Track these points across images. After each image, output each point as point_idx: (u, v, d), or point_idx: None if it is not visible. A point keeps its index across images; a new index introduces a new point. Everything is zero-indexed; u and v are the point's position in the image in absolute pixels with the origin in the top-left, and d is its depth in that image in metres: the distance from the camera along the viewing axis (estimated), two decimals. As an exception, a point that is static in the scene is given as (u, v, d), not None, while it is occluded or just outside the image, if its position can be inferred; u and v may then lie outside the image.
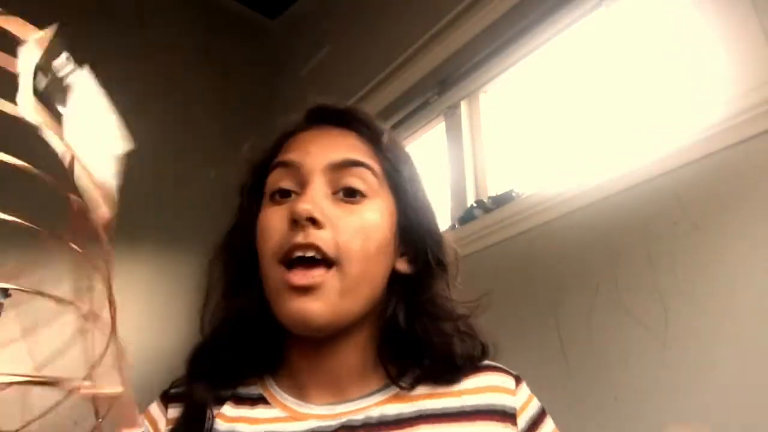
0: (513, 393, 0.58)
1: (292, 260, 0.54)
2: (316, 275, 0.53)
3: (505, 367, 0.61)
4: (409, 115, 1.86)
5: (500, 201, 1.45)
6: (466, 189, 1.61)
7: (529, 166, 1.53)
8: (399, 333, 0.59)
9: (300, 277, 0.53)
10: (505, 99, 1.69)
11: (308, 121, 0.66)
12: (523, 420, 0.57)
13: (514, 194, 1.44)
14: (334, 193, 0.57)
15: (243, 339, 0.59)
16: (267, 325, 0.57)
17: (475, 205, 1.52)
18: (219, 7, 2.61)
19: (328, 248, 0.53)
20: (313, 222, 0.53)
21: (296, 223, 0.53)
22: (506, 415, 0.56)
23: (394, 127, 1.91)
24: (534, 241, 1.31)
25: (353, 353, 0.59)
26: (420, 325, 0.59)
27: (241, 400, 0.58)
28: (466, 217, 1.51)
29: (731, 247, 0.98)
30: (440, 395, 0.57)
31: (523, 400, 0.59)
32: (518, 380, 0.60)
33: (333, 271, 0.54)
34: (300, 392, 0.58)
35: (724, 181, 1.02)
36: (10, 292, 0.28)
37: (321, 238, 0.53)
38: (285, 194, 0.58)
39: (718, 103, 1.07)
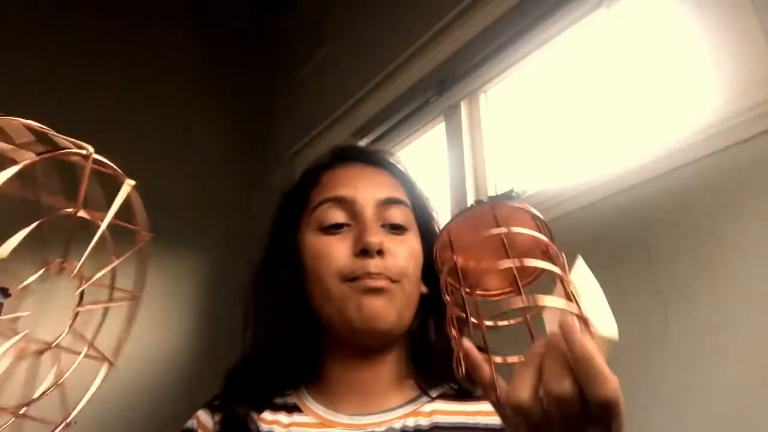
0: None
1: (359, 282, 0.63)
2: (389, 284, 0.63)
3: None
4: (409, 115, 1.86)
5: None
6: (466, 189, 1.61)
7: (529, 166, 1.53)
8: (425, 347, 0.67)
9: (374, 280, 0.62)
10: (505, 99, 1.69)
11: (341, 159, 0.74)
12: None
13: (514, 194, 1.44)
14: (382, 225, 0.66)
15: (285, 355, 0.66)
16: (309, 340, 0.66)
17: (475, 205, 1.52)
18: (219, 7, 2.61)
19: (393, 273, 0.63)
20: (379, 252, 0.63)
21: (366, 252, 0.62)
22: None
23: (394, 127, 1.91)
24: (534, 241, 1.31)
25: (388, 367, 0.66)
26: (442, 338, 0.67)
27: (278, 408, 0.65)
28: (466, 217, 1.51)
29: (731, 247, 0.98)
30: (456, 413, 0.62)
31: None
32: None
33: (397, 286, 0.64)
34: (330, 402, 0.65)
35: (724, 181, 1.02)
36: (10, 292, 0.29)
37: (388, 266, 0.63)
38: (338, 226, 0.66)
39: (718, 103, 1.06)
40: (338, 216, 0.66)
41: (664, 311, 1.02)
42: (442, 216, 0.75)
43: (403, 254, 0.65)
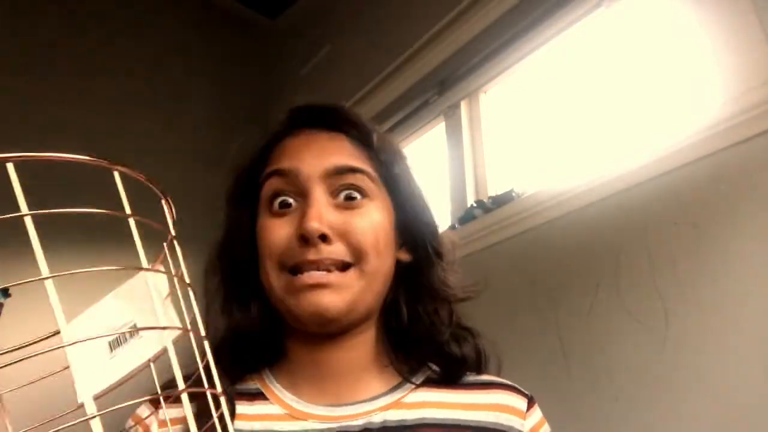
0: (523, 416, 0.57)
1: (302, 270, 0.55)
2: (332, 277, 0.54)
3: (518, 387, 0.60)
4: (409, 115, 1.86)
5: (500, 201, 1.45)
6: (466, 189, 1.61)
7: (529, 166, 1.53)
8: (401, 322, 0.60)
9: (312, 277, 0.54)
10: (505, 99, 1.69)
11: (295, 124, 0.64)
12: None
13: (514, 194, 1.44)
14: (334, 197, 0.57)
15: (243, 337, 0.59)
16: (267, 324, 0.59)
17: (475, 205, 1.52)
18: (219, 7, 2.61)
19: (344, 257, 0.55)
20: (323, 239, 0.54)
21: (306, 240, 0.54)
22: None
23: (394, 127, 1.91)
24: (534, 241, 1.31)
25: (361, 348, 0.59)
26: (422, 307, 0.60)
27: (239, 396, 0.57)
28: (466, 217, 1.51)
29: (731, 246, 0.98)
30: (446, 405, 0.57)
31: (532, 425, 0.58)
32: (531, 402, 0.59)
33: (351, 272, 0.55)
34: (299, 389, 0.58)
35: (724, 181, 1.02)
36: (10, 291, 0.29)
37: (333, 251, 0.55)
38: (284, 204, 0.58)
39: (718, 103, 1.06)
40: (282, 192, 0.58)
41: (664, 311, 1.02)
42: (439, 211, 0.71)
43: (359, 230, 0.56)
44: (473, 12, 1.68)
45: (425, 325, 0.59)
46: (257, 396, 0.58)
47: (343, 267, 0.55)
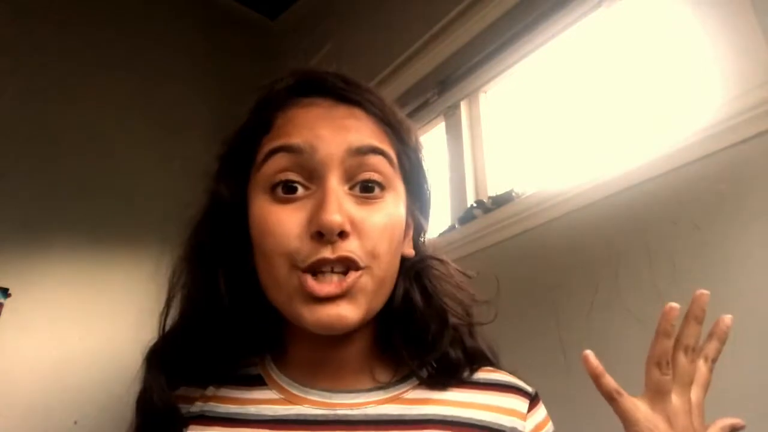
0: (524, 418, 0.56)
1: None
2: (350, 280, 0.48)
3: (521, 386, 0.58)
4: (409, 115, 1.86)
5: (500, 201, 1.45)
6: (466, 189, 1.61)
7: (529, 166, 1.53)
8: (408, 316, 0.55)
9: (329, 287, 0.48)
10: (505, 99, 1.69)
11: (304, 91, 0.55)
12: None
13: (514, 194, 1.44)
14: (350, 185, 0.50)
15: (233, 323, 0.54)
16: (261, 313, 0.54)
17: (475, 205, 1.52)
18: (219, 7, 2.61)
19: (360, 258, 0.49)
20: (342, 234, 0.48)
21: (322, 236, 0.47)
22: None
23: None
24: (534, 241, 1.31)
25: (359, 343, 0.55)
26: (425, 303, 0.56)
27: (238, 381, 0.55)
28: (466, 217, 1.51)
29: (731, 247, 0.98)
30: (447, 403, 0.54)
31: (533, 426, 0.56)
32: (534, 402, 0.58)
33: (362, 273, 0.49)
34: (296, 374, 0.55)
35: (724, 181, 1.02)
36: (10, 292, 0.29)
37: (351, 250, 0.48)
38: (291, 189, 0.50)
39: (718, 103, 1.06)
40: (291, 174, 0.50)
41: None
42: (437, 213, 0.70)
43: (376, 229, 0.49)
44: (473, 12, 1.68)
45: (429, 320, 0.56)
46: (256, 381, 0.55)
47: (357, 267, 0.49)
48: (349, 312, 0.48)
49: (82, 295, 1.86)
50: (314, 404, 0.52)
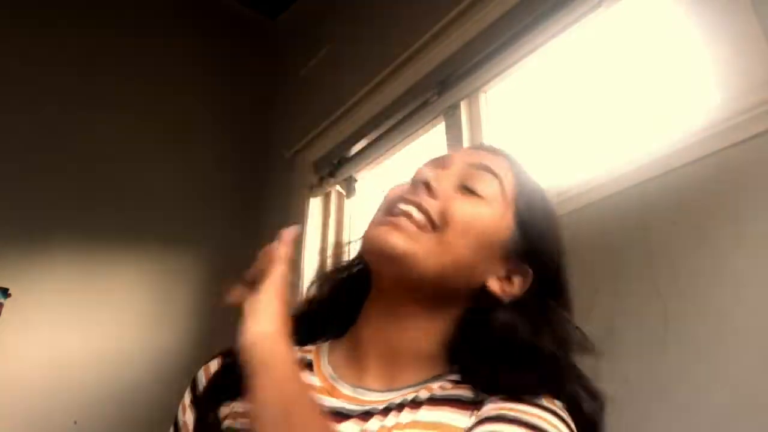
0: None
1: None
2: (412, 219, 0.57)
3: (547, 405, 0.54)
4: (409, 115, 1.86)
5: (500, 201, 1.45)
6: (466, 189, 1.61)
7: (529, 166, 1.53)
8: (480, 341, 0.57)
9: (401, 220, 0.57)
10: (505, 99, 1.69)
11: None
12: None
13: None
14: (463, 186, 0.61)
15: (317, 308, 0.66)
16: (345, 292, 0.65)
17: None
18: (219, 7, 2.61)
19: (433, 211, 0.58)
20: (428, 188, 0.59)
21: (414, 185, 0.60)
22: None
23: (394, 127, 1.91)
24: (534, 241, 1.31)
25: (420, 339, 0.59)
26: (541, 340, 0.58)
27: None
28: (466, 217, 1.51)
29: (731, 247, 0.98)
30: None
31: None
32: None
33: (430, 233, 0.57)
34: (346, 366, 0.61)
35: (724, 181, 1.02)
36: (10, 292, 0.29)
37: (428, 201, 0.58)
38: (426, 184, 0.61)
39: (718, 103, 1.06)
40: (427, 168, 0.63)
41: (664, 311, 1.02)
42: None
43: (460, 207, 0.59)
44: (473, 12, 1.68)
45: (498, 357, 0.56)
46: (306, 366, 0.61)
47: (429, 228, 0.57)
48: (393, 238, 0.56)
49: (82, 295, 1.86)
50: (347, 398, 0.57)
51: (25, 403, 1.64)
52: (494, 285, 0.60)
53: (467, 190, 0.61)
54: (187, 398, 0.65)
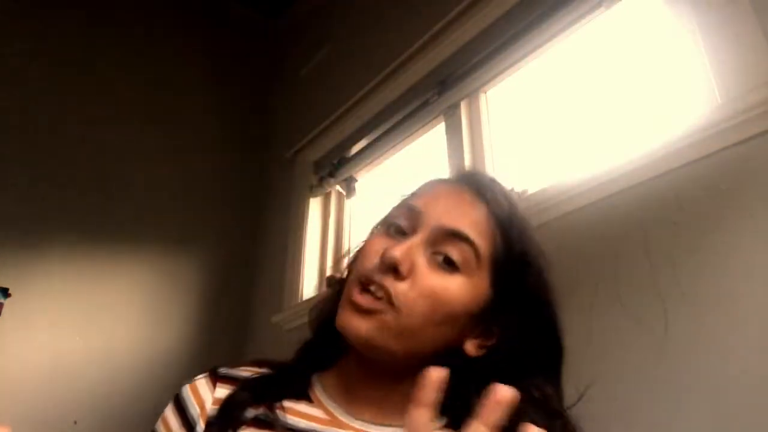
0: None
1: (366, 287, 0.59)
2: (378, 304, 0.57)
3: None
4: (409, 115, 1.86)
5: (500, 201, 1.45)
6: (466, 189, 1.61)
7: (529, 166, 1.53)
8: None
9: (364, 299, 0.57)
10: (505, 99, 1.69)
11: (457, 177, 0.70)
12: None
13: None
14: (435, 253, 0.60)
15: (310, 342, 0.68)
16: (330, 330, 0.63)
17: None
18: (219, 7, 2.61)
19: (396, 298, 0.57)
20: (395, 271, 0.58)
21: (383, 263, 0.58)
22: None
23: (394, 127, 1.91)
24: (534, 241, 1.31)
25: (404, 383, 0.59)
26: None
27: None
28: (466, 217, 1.51)
29: (731, 246, 0.98)
30: None
31: None
32: None
33: (393, 311, 0.57)
34: (343, 398, 0.62)
35: (724, 181, 1.02)
36: (10, 292, 0.29)
37: (395, 286, 0.57)
38: (401, 231, 0.62)
39: (717, 103, 1.06)
40: (402, 221, 0.63)
41: (664, 311, 1.02)
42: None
43: (426, 287, 0.58)
44: (473, 12, 1.68)
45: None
46: (302, 398, 0.62)
47: (396, 311, 0.57)
48: (361, 325, 0.57)
49: (82, 295, 1.87)
50: (356, 431, 0.59)
51: (25, 403, 1.65)
52: (470, 347, 0.61)
53: (439, 260, 0.59)
54: (172, 420, 0.63)
